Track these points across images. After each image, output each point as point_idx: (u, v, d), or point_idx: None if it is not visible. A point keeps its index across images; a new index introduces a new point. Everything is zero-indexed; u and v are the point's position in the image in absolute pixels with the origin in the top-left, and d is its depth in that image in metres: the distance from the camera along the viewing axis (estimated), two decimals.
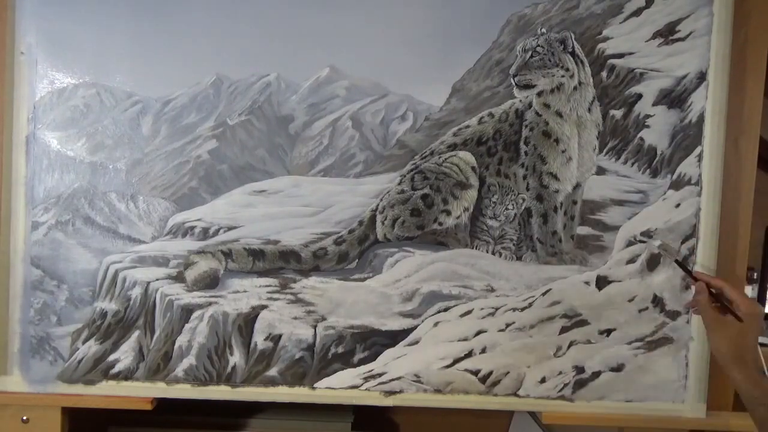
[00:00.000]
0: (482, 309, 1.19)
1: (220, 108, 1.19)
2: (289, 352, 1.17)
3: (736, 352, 1.01)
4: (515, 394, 1.18)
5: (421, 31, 1.17)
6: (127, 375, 1.16)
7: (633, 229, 1.19)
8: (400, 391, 1.17)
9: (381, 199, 1.20)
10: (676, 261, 1.14)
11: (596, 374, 1.17)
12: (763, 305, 1.35)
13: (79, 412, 1.19)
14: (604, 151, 1.21)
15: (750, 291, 1.27)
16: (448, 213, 1.21)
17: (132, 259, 1.17)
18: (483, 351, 1.18)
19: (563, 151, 1.20)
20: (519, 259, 1.21)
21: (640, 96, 1.19)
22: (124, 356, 1.17)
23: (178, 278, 1.17)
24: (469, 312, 1.19)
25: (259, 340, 1.17)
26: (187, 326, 1.16)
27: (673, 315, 1.18)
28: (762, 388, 0.98)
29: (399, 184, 1.20)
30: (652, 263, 1.18)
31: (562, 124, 1.20)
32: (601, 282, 1.19)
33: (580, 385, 1.18)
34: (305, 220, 1.20)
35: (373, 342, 1.17)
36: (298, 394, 1.17)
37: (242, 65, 1.17)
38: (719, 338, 1.03)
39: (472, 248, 1.21)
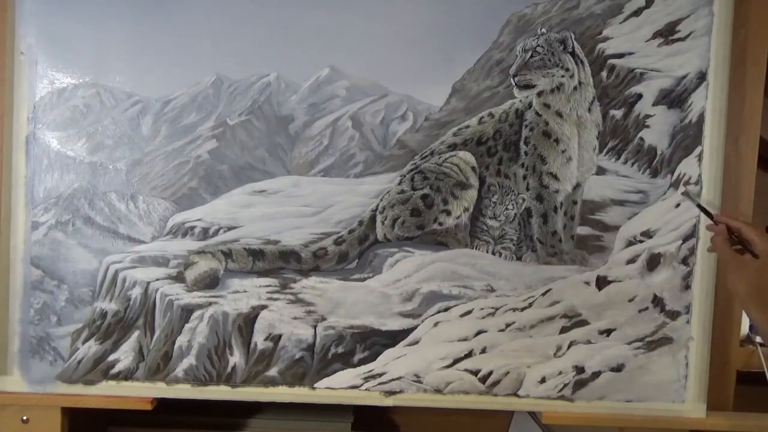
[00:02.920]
0: (482, 309, 1.19)
1: (220, 108, 1.19)
2: (289, 352, 1.17)
3: (753, 291, 1.00)
4: (515, 394, 1.18)
5: (421, 31, 1.17)
6: (127, 375, 1.16)
7: (633, 229, 1.19)
8: (400, 391, 1.17)
9: (381, 199, 1.20)
10: (698, 205, 1.15)
11: (596, 374, 1.17)
12: None
13: (79, 412, 1.19)
14: (604, 151, 1.21)
15: None
16: (448, 213, 1.21)
17: (132, 259, 1.17)
18: (483, 351, 1.18)
19: (563, 151, 1.20)
20: (519, 259, 1.21)
21: (640, 96, 1.19)
22: (124, 356, 1.17)
23: (178, 278, 1.17)
24: (469, 312, 1.19)
25: (259, 340, 1.17)
26: (187, 326, 1.16)
27: (673, 315, 1.18)
28: None
29: (399, 184, 1.20)
30: (652, 263, 1.18)
31: (562, 124, 1.20)
32: (601, 282, 1.19)
33: (580, 385, 1.18)
34: (305, 220, 1.20)
35: (373, 342, 1.17)
36: (298, 394, 1.17)
37: (242, 65, 1.17)
38: (737, 278, 1.03)
39: (472, 248, 1.21)
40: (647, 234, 1.19)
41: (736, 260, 1.05)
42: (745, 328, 1.24)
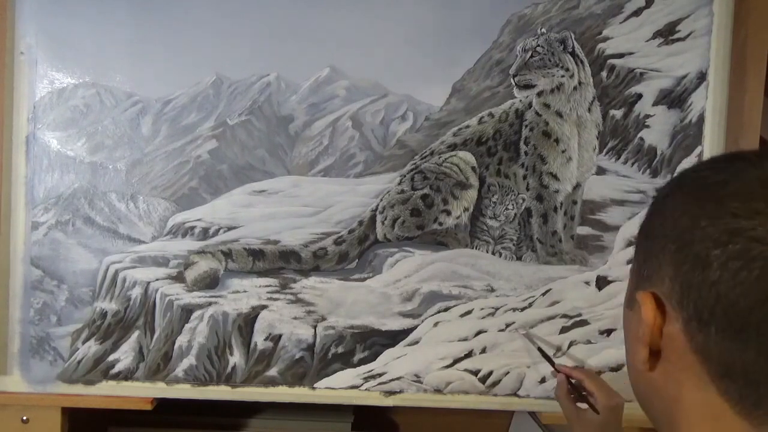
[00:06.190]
0: (482, 309, 1.19)
1: (220, 108, 1.19)
2: (289, 352, 1.17)
3: None
4: (515, 394, 1.18)
5: (421, 31, 1.17)
6: (127, 375, 1.16)
7: (633, 229, 1.19)
8: (400, 391, 1.17)
9: (381, 199, 1.20)
10: (539, 349, 1.11)
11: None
12: None
13: (79, 412, 1.19)
14: (604, 151, 1.21)
15: None
16: (448, 213, 1.21)
17: (132, 259, 1.17)
18: (483, 351, 1.18)
19: (563, 151, 1.20)
20: (519, 259, 1.21)
21: (640, 96, 1.19)
22: (124, 356, 1.17)
23: (178, 278, 1.17)
24: (469, 312, 1.19)
25: (259, 340, 1.17)
26: (187, 326, 1.16)
27: None
28: None
29: (399, 184, 1.20)
30: None
31: (562, 124, 1.20)
32: (601, 282, 1.19)
33: None
34: (305, 220, 1.20)
35: (373, 342, 1.17)
36: (298, 394, 1.17)
37: (242, 65, 1.17)
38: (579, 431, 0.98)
39: (472, 248, 1.21)
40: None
41: (575, 414, 0.98)
42: None
